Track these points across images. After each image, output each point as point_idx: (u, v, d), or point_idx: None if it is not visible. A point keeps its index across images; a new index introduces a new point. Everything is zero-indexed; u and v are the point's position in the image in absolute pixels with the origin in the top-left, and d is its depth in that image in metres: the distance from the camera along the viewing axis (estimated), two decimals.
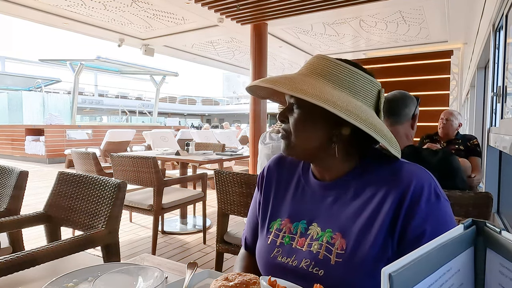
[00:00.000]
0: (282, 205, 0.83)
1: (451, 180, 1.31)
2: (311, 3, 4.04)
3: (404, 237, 0.65)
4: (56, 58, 14.13)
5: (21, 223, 1.50)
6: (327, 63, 0.71)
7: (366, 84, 0.72)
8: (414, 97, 1.48)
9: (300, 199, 0.81)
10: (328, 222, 0.73)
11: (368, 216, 0.69)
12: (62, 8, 4.50)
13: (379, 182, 0.71)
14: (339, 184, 0.76)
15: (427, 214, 0.64)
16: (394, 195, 0.67)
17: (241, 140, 9.51)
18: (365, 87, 0.72)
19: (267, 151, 2.22)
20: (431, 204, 0.65)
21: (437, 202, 0.65)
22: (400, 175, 0.69)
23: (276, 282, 0.59)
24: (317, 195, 0.78)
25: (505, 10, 2.27)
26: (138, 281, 0.66)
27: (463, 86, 6.43)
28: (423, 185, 0.66)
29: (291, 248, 0.75)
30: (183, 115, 36.53)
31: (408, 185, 0.66)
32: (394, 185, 0.68)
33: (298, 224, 0.77)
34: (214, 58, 7.70)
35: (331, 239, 0.71)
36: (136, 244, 3.15)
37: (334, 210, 0.74)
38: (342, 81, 0.70)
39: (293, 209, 0.80)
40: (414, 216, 0.65)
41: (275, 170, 0.89)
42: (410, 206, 0.65)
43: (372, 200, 0.70)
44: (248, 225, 0.93)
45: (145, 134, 6.39)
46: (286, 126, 0.76)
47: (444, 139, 2.95)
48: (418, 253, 0.30)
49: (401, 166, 0.71)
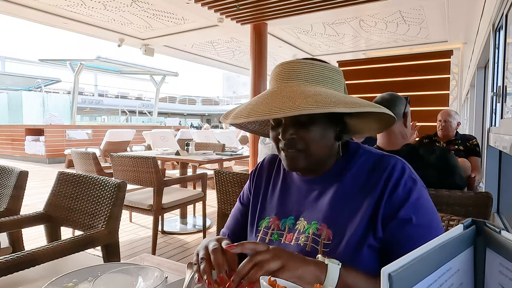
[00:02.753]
0: (270, 203, 0.85)
1: (449, 177, 1.32)
2: (311, 3, 4.04)
3: (388, 223, 0.68)
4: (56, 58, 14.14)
5: (21, 223, 1.50)
6: (299, 65, 0.71)
7: (336, 74, 0.73)
8: (403, 97, 1.52)
9: (287, 196, 0.83)
10: (314, 215, 0.75)
11: (352, 205, 0.72)
12: (62, 8, 4.50)
13: (361, 173, 0.74)
14: (324, 178, 0.78)
15: (404, 200, 0.68)
16: (375, 187, 0.70)
17: (241, 140, 9.51)
18: (336, 77, 0.73)
19: (267, 151, 2.22)
20: (408, 189, 0.68)
21: (414, 186, 0.69)
22: (382, 167, 0.72)
23: (276, 282, 0.59)
24: (302, 191, 0.80)
25: (505, 10, 2.27)
26: (138, 281, 0.66)
27: (463, 86, 6.44)
28: (402, 172, 0.70)
29: (280, 244, 0.77)
30: (183, 115, 36.52)
31: (389, 177, 0.69)
32: (376, 177, 0.71)
33: (286, 221, 0.79)
34: (214, 58, 7.69)
35: (317, 231, 0.73)
36: (136, 244, 3.15)
37: (319, 203, 0.76)
38: (321, 77, 0.71)
39: (280, 207, 0.82)
40: (395, 202, 0.68)
41: (267, 168, 0.91)
42: (389, 195, 0.68)
43: (355, 190, 0.73)
44: (230, 221, 0.96)
45: (145, 134, 6.39)
46: (295, 142, 0.73)
47: (443, 140, 2.95)
48: (417, 253, 0.30)
49: (381, 157, 0.74)
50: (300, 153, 0.73)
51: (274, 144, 0.78)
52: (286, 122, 0.73)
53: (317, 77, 0.70)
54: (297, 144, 0.73)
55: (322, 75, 0.71)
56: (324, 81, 0.71)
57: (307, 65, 0.71)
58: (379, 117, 0.75)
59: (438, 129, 2.96)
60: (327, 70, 0.72)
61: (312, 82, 0.70)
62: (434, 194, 1.17)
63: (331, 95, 0.67)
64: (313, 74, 0.70)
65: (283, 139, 0.73)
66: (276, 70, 0.74)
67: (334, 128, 0.75)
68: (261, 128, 0.93)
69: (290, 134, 0.73)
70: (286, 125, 0.73)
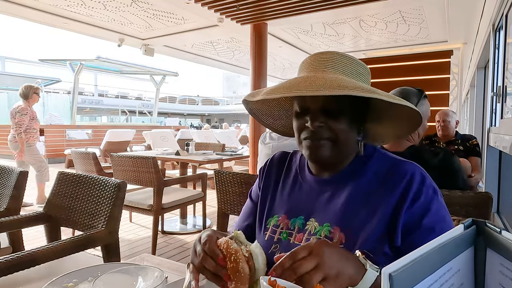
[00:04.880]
0: (279, 201, 0.83)
1: (452, 180, 1.31)
2: (311, 3, 4.04)
3: (412, 233, 0.66)
4: (56, 58, 14.11)
5: (21, 223, 1.50)
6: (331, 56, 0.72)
7: (364, 68, 0.74)
8: (416, 92, 1.44)
9: (297, 196, 0.81)
10: (326, 217, 0.73)
11: (368, 209, 0.70)
12: (62, 8, 4.49)
13: (378, 177, 0.72)
14: (336, 179, 0.76)
15: (426, 209, 0.66)
16: (394, 193, 0.68)
17: (241, 140, 9.51)
18: (364, 71, 0.74)
19: (267, 151, 2.21)
20: (430, 198, 0.67)
21: (435, 196, 0.68)
22: (401, 174, 0.69)
23: (276, 282, 0.59)
24: (314, 191, 0.78)
25: (505, 10, 2.27)
26: (138, 281, 0.66)
27: (463, 86, 6.43)
28: (423, 181, 0.68)
29: (289, 243, 0.75)
30: (183, 115, 36.52)
31: (409, 184, 0.67)
32: (394, 183, 0.69)
33: (296, 220, 0.77)
34: (214, 58, 7.69)
35: (329, 233, 0.71)
36: (136, 244, 3.15)
37: (331, 205, 0.74)
38: (352, 70, 0.72)
39: (290, 206, 0.80)
40: (417, 210, 0.66)
41: (276, 166, 0.89)
42: (411, 204, 0.66)
43: (371, 193, 0.71)
44: (241, 218, 0.93)
45: (145, 134, 6.39)
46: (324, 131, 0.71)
47: (443, 140, 2.95)
48: (418, 253, 0.30)
49: (400, 165, 0.72)
50: (328, 142, 0.71)
51: (296, 134, 0.75)
52: (315, 110, 0.71)
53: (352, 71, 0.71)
54: (324, 133, 0.71)
55: (357, 71, 0.72)
56: (358, 76, 0.72)
57: (345, 58, 0.71)
58: (401, 121, 0.75)
59: (438, 130, 2.96)
60: (361, 67, 0.73)
61: (349, 75, 0.71)
62: None
63: (366, 87, 0.68)
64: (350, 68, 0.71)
65: (312, 127, 0.70)
66: (312, 58, 0.74)
67: (357, 125, 0.74)
68: (273, 122, 0.91)
69: (319, 122, 0.70)
70: (315, 113, 0.70)
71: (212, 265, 0.61)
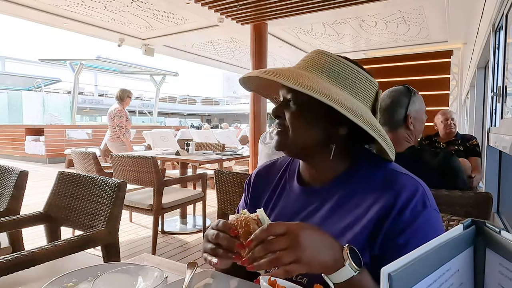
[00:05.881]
0: (269, 211, 0.82)
1: (452, 180, 1.31)
2: (311, 3, 4.04)
3: (387, 242, 0.64)
4: (56, 58, 14.10)
5: (21, 223, 1.50)
6: (328, 59, 0.71)
7: (366, 84, 0.72)
8: (404, 97, 1.43)
9: (284, 206, 0.80)
10: None
11: (351, 220, 0.68)
12: (62, 8, 4.50)
13: (368, 189, 0.70)
14: (324, 190, 0.75)
15: (408, 225, 0.63)
16: (381, 203, 0.66)
17: (241, 140, 9.51)
18: (365, 87, 0.72)
19: (267, 150, 2.21)
20: (415, 214, 0.64)
21: (423, 211, 0.65)
22: (392, 185, 0.67)
23: (276, 282, 0.59)
24: (299, 201, 0.78)
25: (505, 10, 2.27)
26: (138, 281, 0.66)
27: (463, 86, 6.43)
28: (412, 196, 0.65)
29: None
30: (183, 115, 36.52)
31: (397, 196, 0.65)
32: (383, 193, 0.67)
33: None
34: (214, 58, 7.69)
35: None
36: (136, 244, 3.15)
37: (315, 218, 0.73)
38: (344, 79, 0.70)
39: (276, 216, 0.80)
40: (400, 224, 0.64)
41: (264, 177, 0.89)
42: (396, 216, 0.64)
43: (358, 206, 0.69)
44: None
45: (145, 134, 6.39)
46: (282, 122, 0.74)
47: (445, 140, 2.94)
48: (417, 253, 0.30)
49: (394, 176, 0.69)
50: (281, 135, 0.74)
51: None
52: (283, 101, 0.74)
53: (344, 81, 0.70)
54: (280, 124, 0.74)
55: (351, 80, 0.70)
56: (350, 88, 0.70)
57: (340, 64, 0.70)
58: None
59: (444, 130, 2.91)
60: (354, 74, 0.70)
61: (335, 81, 0.69)
62: (434, 194, 1.15)
63: (347, 97, 0.66)
64: (343, 76, 0.70)
65: (272, 114, 0.74)
66: (310, 54, 0.74)
67: (328, 128, 0.71)
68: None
69: (278, 110, 0.73)
70: (280, 103, 0.74)
71: (226, 238, 0.62)
